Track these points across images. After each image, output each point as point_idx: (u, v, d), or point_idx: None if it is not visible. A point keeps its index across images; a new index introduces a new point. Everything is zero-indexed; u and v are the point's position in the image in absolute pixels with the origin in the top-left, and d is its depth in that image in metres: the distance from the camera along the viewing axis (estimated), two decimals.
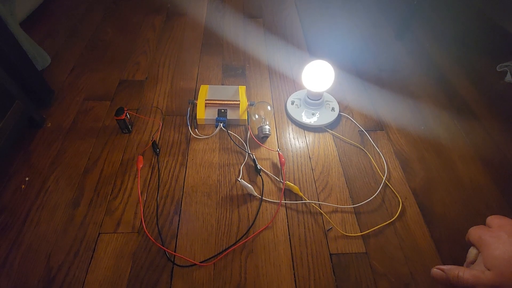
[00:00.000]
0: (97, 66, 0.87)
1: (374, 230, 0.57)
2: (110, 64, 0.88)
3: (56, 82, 0.82)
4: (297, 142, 0.72)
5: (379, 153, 0.70)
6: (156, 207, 0.59)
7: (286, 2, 1.20)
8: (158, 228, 0.56)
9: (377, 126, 0.77)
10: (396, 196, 0.63)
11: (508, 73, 0.89)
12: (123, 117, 0.67)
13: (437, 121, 0.79)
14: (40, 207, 0.58)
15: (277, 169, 0.66)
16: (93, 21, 1.04)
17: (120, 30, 1.01)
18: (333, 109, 0.77)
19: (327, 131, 0.74)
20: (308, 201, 0.61)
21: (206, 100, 0.74)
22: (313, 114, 0.75)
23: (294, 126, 0.75)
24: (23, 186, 0.61)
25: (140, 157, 0.65)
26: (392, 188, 0.64)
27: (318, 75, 0.70)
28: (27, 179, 0.62)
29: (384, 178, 0.65)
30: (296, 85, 0.85)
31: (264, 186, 0.63)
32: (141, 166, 0.64)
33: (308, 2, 1.20)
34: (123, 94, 0.80)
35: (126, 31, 1.00)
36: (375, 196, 0.62)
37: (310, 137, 0.73)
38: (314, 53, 0.96)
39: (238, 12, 1.12)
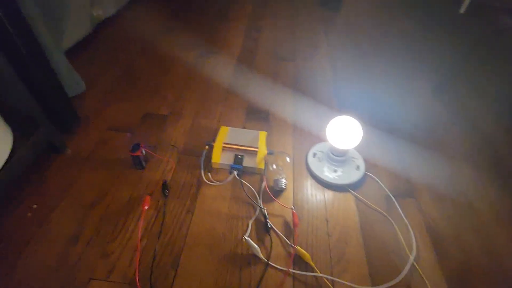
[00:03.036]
0: (126, 96, 0.90)
1: None
2: (138, 95, 0.90)
3: (85, 109, 0.84)
4: (314, 200, 0.66)
5: (407, 225, 0.62)
6: (153, 257, 0.55)
7: (320, 47, 1.19)
8: (150, 283, 0.51)
9: (407, 192, 0.69)
10: (425, 283, 0.53)
11: None
12: (138, 153, 0.66)
13: (480, 192, 0.69)
14: (40, 238, 0.57)
15: (289, 229, 0.60)
16: (132, 52, 1.09)
17: (155, 63, 1.05)
18: (358, 167, 0.71)
19: (349, 192, 0.68)
20: (320, 274, 0.53)
21: (224, 143, 0.72)
22: (335, 171, 0.70)
23: (313, 181, 0.70)
24: (29, 214, 0.60)
25: (148, 198, 0.62)
26: (420, 272, 0.55)
27: (344, 131, 0.65)
28: (34, 206, 0.61)
29: (411, 258, 0.56)
30: (320, 136, 0.80)
31: (272, 248, 0.57)
32: (147, 207, 0.61)
33: (342, 49, 1.19)
34: (144, 127, 0.80)
35: (160, 64, 1.04)
36: (399, 280, 0.53)
37: (330, 196, 0.67)
38: (343, 103, 0.92)
39: (270, 53, 1.13)
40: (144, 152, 0.68)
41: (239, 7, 1.45)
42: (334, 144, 0.67)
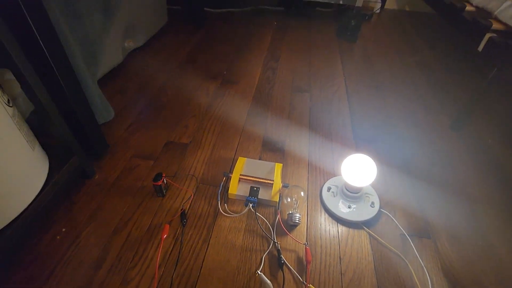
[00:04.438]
0: (151, 124, 0.96)
1: None
2: (162, 124, 0.96)
3: (113, 136, 0.91)
4: (328, 236, 0.67)
5: (423, 268, 0.61)
6: (170, 286, 0.57)
7: (336, 78, 1.22)
8: None
9: (423, 232, 0.68)
10: None
11: None
12: (159, 183, 0.70)
13: (500, 234, 0.67)
14: (66, 262, 0.60)
15: (302, 265, 0.61)
16: (158, 81, 1.17)
17: (178, 92, 1.11)
18: (372, 203, 0.71)
19: (364, 229, 0.68)
20: None
21: (240, 175, 0.75)
22: (349, 206, 0.70)
23: (327, 215, 0.71)
24: (58, 237, 0.65)
25: (167, 226, 0.66)
26: None
27: (359, 169, 0.66)
28: (63, 230, 0.66)
29: None
30: (335, 170, 0.82)
31: (284, 285, 0.57)
32: (165, 236, 0.64)
33: (359, 80, 1.21)
34: (166, 155, 0.85)
35: (183, 93, 1.11)
36: None
37: (344, 232, 0.67)
38: (359, 136, 0.94)
39: (287, 84, 1.18)
40: (165, 181, 0.72)
41: (259, 38, 1.53)
42: (348, 181, 0.68)
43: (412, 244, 0.65)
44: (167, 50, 1.39)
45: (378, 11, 1.87)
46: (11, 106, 0.54)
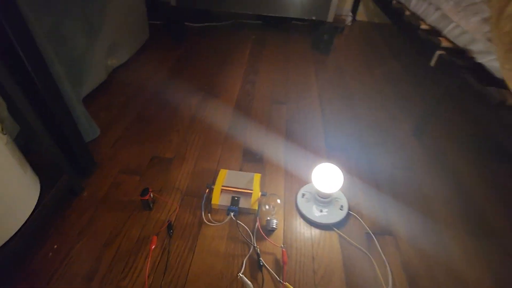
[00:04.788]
0: (137, 140, 1.01)
1: None
2: (147, 139, 1.01)
3: (100, 153, 0.95)
4: (302, 238, 0.74)
5: (384, 262, 0.69)
6: None
7: (310, 89, 1.31)
8: None
9: (385, 230, 0.77)
10: None
11: None
12: (147, 197, 0.75)
13: (451, 230, 0.77)
14: (60, 277, 0.65)
15: (280, 266, 0.68)
16: (142, 97, 1.22)
17: (162, 107, 1.16)
18: (342, 207, 0.79)
19: (334, 230, 0.76)
20: None
21: (222, 186, 0.81)
22: (321, 211, 0.78)
23: (301, 220, 0.78)
24: (50, 253, 0.69)
25: (155, 238, 0.71)
26: None
27: (327, 178, 0.75)
28: (55, 246, 0.70)
29: None
30: (309, 177, 0.90)
31: (264, 285, 0.64)
32: (153, 246, 0.70)
33: (331, 91, 1.31)
34: (152, 170, 0.90)
35: (167, 108, 1.16)
36: None
37: (316, 234, 0.75)
38: (331, 144, 1.02)
39: (266, 97, 1.25)
40: (152, 195, 0.77)
41: (238, 51, 1.60)
42: (318, 188, 0.76)
43: (376, 241, 0.73)
44: (150, 65, 1.43)
45: (349, 23, 1.99)
46: (5, 134, 0.59)
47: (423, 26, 1.07)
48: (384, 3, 1.53)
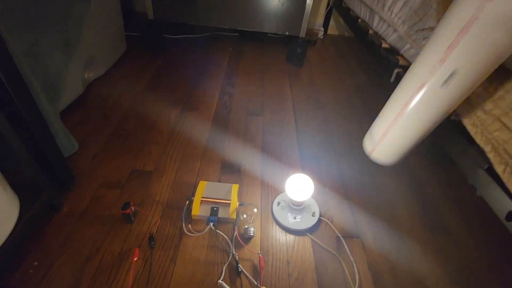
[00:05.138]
0: (116, 154, 1.02)
1: None
2: (127, 152, 1.03)
3: (79, 167, 0.96)
4: (278, 244, 0.80)
5: (352, 263, 0.76)
6: None
7: (285, 101, 1.39)
8: None
9: (353, 233, 0.84)
10: None
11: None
12: (128, 211, 0.77)
13: (411, 231, 0.86)
14: None
15: (257, 271, 0.73)
16: (120, 110, 1.23)
17: (141, 120, 1.19)
18: (314, 213, 0.86)
19: (307, 235, 0.82)
20: None
21: (202, 197, 0.85)
22: (295, 218, 0.84)
23: (277, 227, 0.84)
24: (31, 271, 0.69)
25: (136, 250, 0.74)
26: None
27: (298, 187, 0.81)
28: (35, 263, 0.71)
29: None
30: (284, 186, 0.96)
31: None
32: (135, 258, 0.72)
33: (305, 103, 1.39)
34: (132, 183, 0.92)
35: (146, 121, 1.18)
36: None
37: (291, 240, 0.81)
38: (304, 154, 1.10)
39: (242, 109, 1.31)
40: (133, 209, 0.80)
41: (216, 63, 1.65)
42: (292, 197, 0.82)
43: (345, 244, 0.81)
44: (128, 78, 1.45)
45: (322, 37, 2.11)
46: None
47: (384, 45, 1.18)
48: (351, 21, 1.65)
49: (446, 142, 0.83)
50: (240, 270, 0.72)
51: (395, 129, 0.78)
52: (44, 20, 0.97)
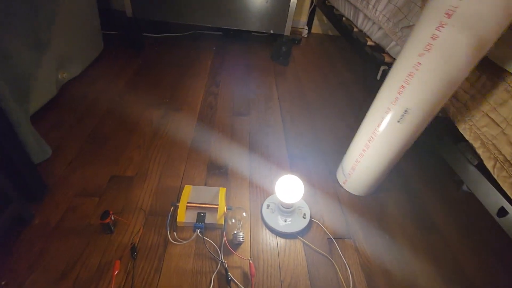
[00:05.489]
0: (93, 159, 0.96)
1: None
2: (105, 158, 0.97)
3: (52, 175, 0.88)
4: (269, 249, 0.76)
5: (345, 264, 0.74)
6: None
7: (271, 100, 1.36)
8: None
9: (345, 234, 0.82)
10: None
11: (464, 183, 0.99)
12: (107, 221, 0.72)
13: (402, 231, 0.85)
14: None
15: (248, 279, 0.69)
16: (98, 113, 1.16)
17: (120, 124, 1.12)
18: (304, 215, 0.83)
19: (298, 238, 0.79)
20: None
21: (187, 202, 0.81)
22: (285, 220, 0.81)
23: (267, 231, 0.81)
24: None
25: (117, 262, 0.68)
26: None
27: (288, 189, 0.78)
28: (3, 283, 0.64)
29: None
30: (273, 188, 0.93)
31: None
32: (116, 272, 0.67)
33: (291, 102, 1.37)
34: (112, 190, 0.86)
35: (125, 124, 1.12)
36: None
37: (282, 243, 0.78)
38: (292, 154, 1.07)
39: (228, 109, 1.27)
40: (113, 218, 0.74)
41: (199, 63, 1.60)
42: (282, 199, 0.79)
43: (337, 245, 0.78)
44: (105, 78, 1.37)
45: (306, 35, 2.10)
46: None
47: (369, 43, 1.18)
48: (335, 19, 1.64)
49: (435, 139, 0.82)
50: (230, 278, 0.68)
51: (362, 163, 0.86)
52: (11, 15, 0.89)
